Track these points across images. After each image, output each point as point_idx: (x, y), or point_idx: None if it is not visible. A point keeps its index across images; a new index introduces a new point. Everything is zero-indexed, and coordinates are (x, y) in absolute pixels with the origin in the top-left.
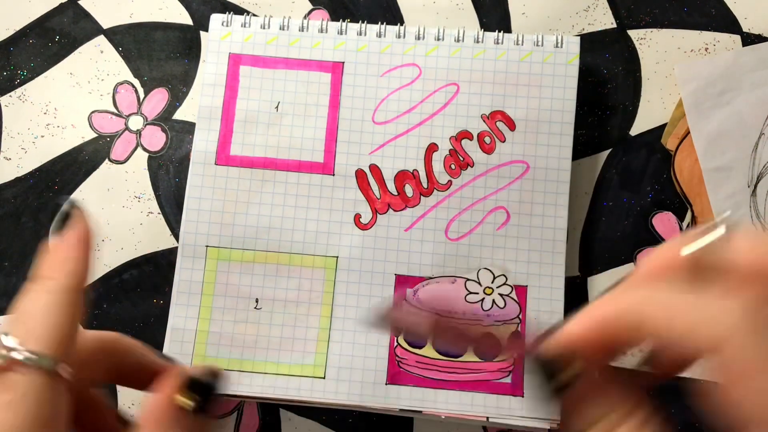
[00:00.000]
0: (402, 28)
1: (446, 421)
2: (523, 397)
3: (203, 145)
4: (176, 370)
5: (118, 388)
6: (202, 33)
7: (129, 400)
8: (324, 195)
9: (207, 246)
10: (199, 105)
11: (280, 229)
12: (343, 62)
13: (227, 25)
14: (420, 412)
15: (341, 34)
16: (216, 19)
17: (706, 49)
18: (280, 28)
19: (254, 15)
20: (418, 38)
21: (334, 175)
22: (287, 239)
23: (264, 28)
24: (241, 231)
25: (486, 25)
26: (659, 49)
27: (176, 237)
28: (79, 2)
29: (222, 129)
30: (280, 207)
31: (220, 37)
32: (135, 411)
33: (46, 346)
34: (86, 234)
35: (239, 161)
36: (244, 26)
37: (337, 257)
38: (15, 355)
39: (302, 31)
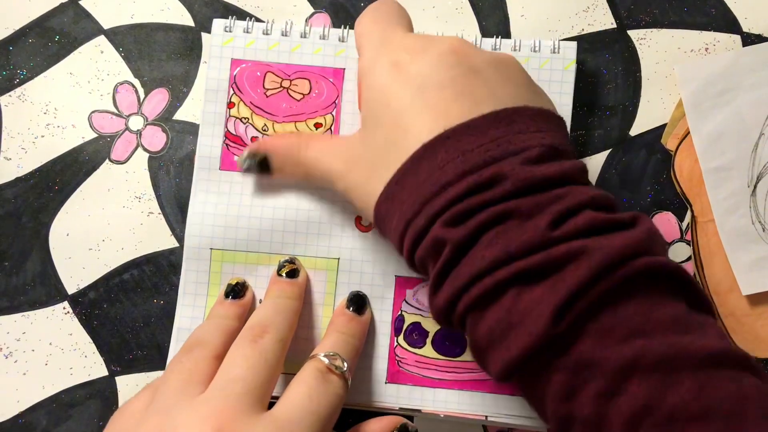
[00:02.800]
0: None
1: (445, 419)
2: (521, 396)
3: (207, 150)
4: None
5: (118, 385)
6: (203, 34)
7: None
8: (325, 197)
9: (211, 248)
10: (202, 111)
11: (283, 231)
12: (344, 69)
13: (229, 31)
14: (419, 411)
15: (342, 41)
16: (218, 24)
17: (706, 49)
18: (282, 34)
19: (257, 20)
20: None
21: None
22: (289, 241)
23: (266, 34)
24: (244, 233)
25: (485, 28)
26: (659, 49)
27: (177, 237)
28: (80, 2)
29: (226, 134)
30: (282, 209)
31: (222, 43)
32: None
33: (348, 365)
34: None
35: None
36: (246, 32)
37: (339, 259)
38: (337, 364)
39: (304, 37)
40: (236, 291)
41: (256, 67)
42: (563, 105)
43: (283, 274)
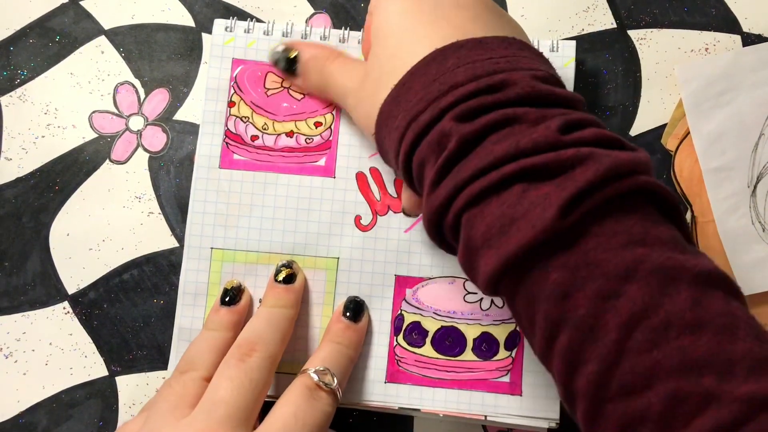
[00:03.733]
0: None
1: (445, 419)
2: (521, 396)
3: (207, 149)
4: None
5: (118, 385)
6: (204, 35)
7: (130, 399)
8: (325, 197)
9: (212, 248)
10: (203, 110)
11: (283, 230)
12: None
13: (230, 31)
14: (419, 410)
15: (342, 42)
16: (219, 24)
17: (706, 49)
18: (283, 35)
19: (258, 21)
20: None
21: (335, 177)
22: (289, 241)
23: (267, 34)
24: (245, 233)
25: None
26: (659, 49)
27: (177, 237)
28: (80, 3)
29: (226, 133)
30: (282, 209)
31: (223, 43)
32: (135, 411)
33: (338, 379)
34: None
35: (243, 165)
36: (248, 32)
37: (338, 258)
38: (326, 380)
39: (305, 38)
40: (232, 296)
41: (257, 67)
42: None
43: (280, 280)
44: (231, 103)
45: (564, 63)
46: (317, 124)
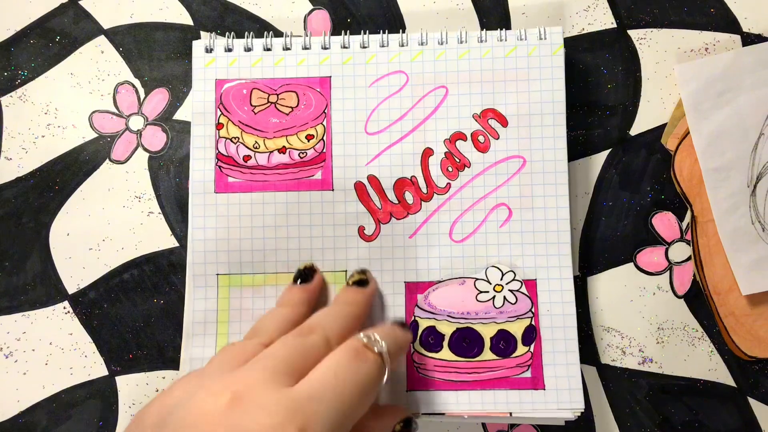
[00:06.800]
0: (385, 36)
1: (469, 420)
2: (544, 389)
3: (201, 174)
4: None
5: (118, 385)
6: (202, 33)
7: (130, 399)
8: (326, 211)
9: (217, 274)
10: (191, 135)
11: (287, 249)
12: (330, 76)
13: (210, 51)
14: (443, 414)
15: (325, 48)
16: (198, 45)
17: (706, 49)
18: (264, 49)
19: (237, 37)
20: (402, 45)
21: (333, 190)
22: (294, 258)
23: (248, 50)
24: (248, 255)
25: (486, 26)
26: (659, 49)
27: (176, 237)
28: (79, 2)
29: (217, 156)
30: (284, 227)
31: (205, 65)
32: (135, 411)
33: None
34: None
35: (238, 187)
36: (228, 50)
37: (346, 271)
38: (377, 344)
39: (286, 49)
40: (304, 276)
41: (241, 86)
42: (556, 90)
43: (352, 283)
44: (219, 125)
45: (553, 51)
46: (309, 137)
